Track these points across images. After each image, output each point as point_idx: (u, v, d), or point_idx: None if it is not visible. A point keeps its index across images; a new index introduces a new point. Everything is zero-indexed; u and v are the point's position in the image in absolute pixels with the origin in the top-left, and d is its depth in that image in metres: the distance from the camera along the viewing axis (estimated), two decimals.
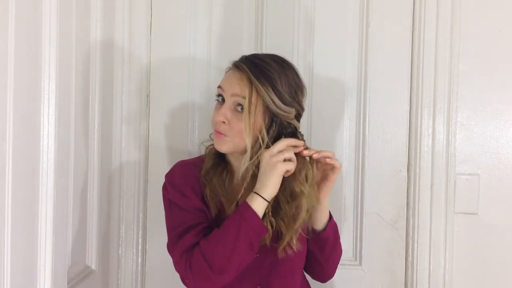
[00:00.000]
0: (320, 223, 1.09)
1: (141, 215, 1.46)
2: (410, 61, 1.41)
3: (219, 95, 1.05)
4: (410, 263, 1.41)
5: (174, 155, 1.44)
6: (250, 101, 0.97)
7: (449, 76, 1.39)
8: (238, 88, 0.99)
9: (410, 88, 1.41)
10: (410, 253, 1.41)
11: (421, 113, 1.39)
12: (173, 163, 1.17)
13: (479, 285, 1.39)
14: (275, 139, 1.00)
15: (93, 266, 1.29)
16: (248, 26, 1.44)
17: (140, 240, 1.45)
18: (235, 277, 0.99)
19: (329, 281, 1.21)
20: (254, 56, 1.04)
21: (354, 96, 1.43)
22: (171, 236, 1.05)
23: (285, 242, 1.00)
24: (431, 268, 1.39)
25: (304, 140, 1.06)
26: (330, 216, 1.12)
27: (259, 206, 0.96)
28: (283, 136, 1.01)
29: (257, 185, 0.98)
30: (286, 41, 1.43)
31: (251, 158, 1.00)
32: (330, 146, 1.42)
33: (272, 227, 0.99)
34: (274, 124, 1.00)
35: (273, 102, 0.97)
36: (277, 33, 1.43)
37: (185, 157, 1.39)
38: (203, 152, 1.15)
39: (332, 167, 1.05)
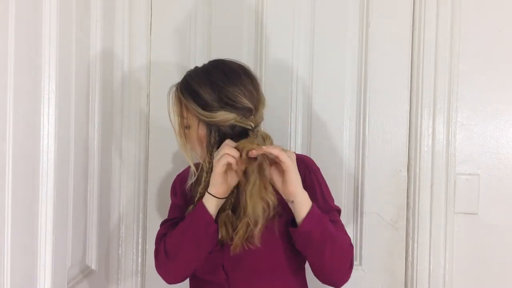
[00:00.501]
0: (298, 218, 1.00)
1: (141, 215, 1.46)
2: (410, 61, 1.41)
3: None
4: (410, 263, 1.41)
5: (174, 155, 1.44)
6: (182, 117, 1.06)
7: (449, 76, 1.39)
8: (176, 108, 1.08)
9: (410, 88, 1.41)
10: (410, 253, 1.41)
11: (421, 113, 1.39)
12: (173, 163, 1.18)
13: (479, 285, 1.39)
14: (220, 144, 1.02)
15: (93, 266, 1.29)
16: (248, 26, 1.44)
17: (140, 240, 1.45)
18: (203, 272, 1.08)
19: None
20: (188, 72, 1.10)
21: (354, 96, 1.43)
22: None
23: (236, 242, 1.00)
24: (431, 268, 1.39)
25: (259, 137, 1.03)
26: (311, 210, 1.00)
27: (208, 201, 1.01)
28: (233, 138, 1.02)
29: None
30: (286, 41, 1.43)
31: (204, 166, 1.06)
32: (330, 146, 1.42)
33: (229, 231, 1.02)
34: (211, 131, 1.03)
35: (198, 112, 1.02)
36: (277, 33, 1.43)
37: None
38: None
39: (276, 158, 0.99)
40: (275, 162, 0.99)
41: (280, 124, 1.43)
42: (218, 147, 1.02)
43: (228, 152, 0.97)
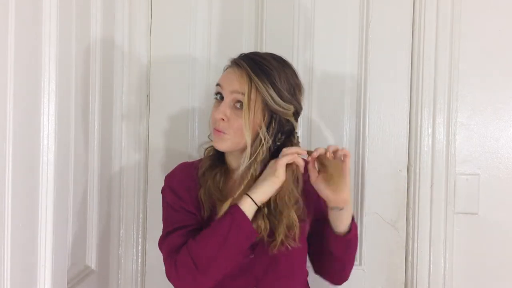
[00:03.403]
0: (344, 225, 1.05)
1: (141, 215, 1.46)
2: (410, 61, 1.41)
3: (217, 93, 1.04)
4: (410, 263, 1.41)
5: (174, 155, 1.44)
6: (249, 98, 0.97)
7: (449, 76, 1.39)
8: (238, 84, 0.99)
9: (410, 88, 1.41)
10: (410, 253, 1.41)
11: (421, 113, 1.39)
12: (173, 163, 1.17)
13: (479, 285, 1.39)
14: (275, 137, 1.01)
15: (93, 266, 1.29)
16: (248, 26, 1.44)
17: (140, 240, 1.45)
18: (230, 277, 1.00)
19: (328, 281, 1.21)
20: (253, 54, 1.04)
21: (354, 96, 1.43)
22: (162, 234, 1.09)
23: (278, 241, 0.99)
24: (431, 268, 1.39)
25: (298, 142, 1.08)
26: (354, 217, 1.08)
27: (248, 208, 0.96)
28: (279, 135, 1.02)
29: (252, 188, 0.98)
30: (286, 41, 1.43)
31: (251, 156, 1.00)
32: None
33: (267, 228, 1.00)
34: (273, 121, 1.00)
35: (272, 98, 0.98)
36: (277, 34, 1.43)
37: (185, 157, 1.39)
38: (202, 154, 1.15)
39: (344, 157, 1.01)
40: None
41: None
42: (273, 140, 1.00)
43: (299, 163, 0.99)
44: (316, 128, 1.43)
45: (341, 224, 1.04)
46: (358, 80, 1.42)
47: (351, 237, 1.06)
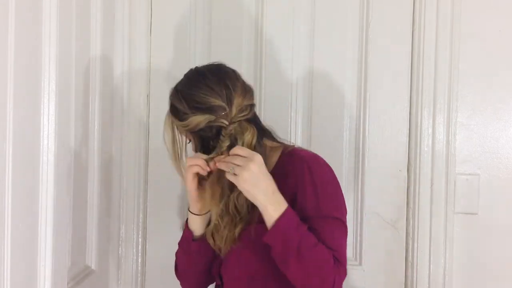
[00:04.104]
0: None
1: (141, 215, 1.46)
2: (410, 61, 1.41)
3: None
4: (410, 263, 1.40)
5: None
6: (174, 133, 1.05)
7: (449, 76, 1.38)
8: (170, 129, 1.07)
9: (410, 88, 1.41)
10: (410, 253, 1.40)
11: (421, 113, 1.39)
12: None
13: (479, 285, 1.38)
14: (206, 148, 1.01)
15: (93, 266, 1.29)
16: (248, 26, 1.44)
17: (140, 240, 1.45)
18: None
19: None
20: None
21: (354, 96, 1.43)
22: None
23: (221, 245, 1.02)
24: (431, 268, 1.39)
25: (231, 136, 0.98)
26: (277, 222, 0.91)
27: (190, 220, 1.07)
28: (211, 142, 1.00)
29: None
30: (286, 41, 1.43)
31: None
32: (330, 146, 1.42)
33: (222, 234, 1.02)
34: (194, 139, 1.03)
35: (177, 124, 1.02)
36: (277, 34, 1.43)
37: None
38: None
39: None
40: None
41: (280, 124, 1.42)
42: (205, 153, 0.99)
43: (191, 163, 0.97)
44: (316, 128, 1.43)
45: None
46: (358, 80, 1.42)
47: (264, 240, 0.93)
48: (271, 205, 0.92)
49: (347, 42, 1.42)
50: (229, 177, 0.93)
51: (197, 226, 1.05)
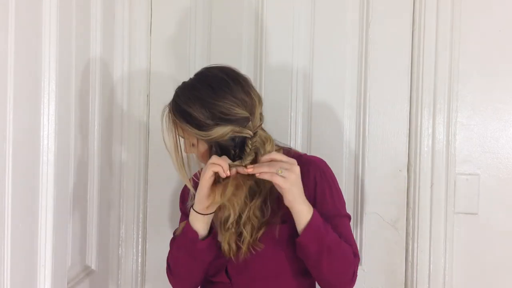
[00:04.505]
0: (297, 228, 1.00)
1: (141, 215, 1.46)
2: (410, 61, 1.41)
3: None
4: (410, 263, 1.41)
5: None
6: (176, 139, 1.05)
7: (449, 76, 1.38)
8: (173, 130, 1.06)
9: (410, 88, 1.41)
10: (410, 253, 1.41)
11: (421, 113, 1.39)
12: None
13: (479, 285, 1.38)
14: (225, 154, 1.00)
15: (93, 266, 1.29)
16: (247, 26, 1.44)
17: (140, 240, 1.45)
18: (207, 280, 1.11)
19: None
20: (176, 90, 1.06)
21: (354, 96, 1.43)
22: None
23: (244, 248, 1.02)
24: (431, 268, 1.39)
25: (253, 149, 1.01)
26: (310, 222, 0.98)
27: (192, 219, 1.02)
28: (232, 151, 1.00)
29: None
30: (286, 41, 1.43)
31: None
32: (330, 146, 1.42)
33: (233, 236, 1.03)
34: (212, 147, 1.01)
35: (194, 132, 1.00)
36: (277, 33, 1.43)
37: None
38: None
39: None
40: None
41: (280, 124, 1.43)
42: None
43: (216, 162, 0.96)
44: (316, 128, 1.43)
45: (297, 228, 1.01)
46: (358, 80, 1.42)
47: (302, 243, 0.99)
48: (306, 206, 0.98)
49: (347, 42, 1.42)
50: (275, 179, 0.94)
51: (200, 226, 1.02)
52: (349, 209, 1.42)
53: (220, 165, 0.95)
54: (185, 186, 1.15)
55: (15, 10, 0.84)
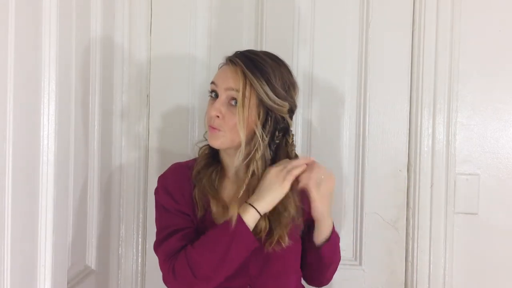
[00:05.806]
0: (318, 238, 1.07)
1: (141, 215, 1.46)
2: (410, 61, 1.41)
3: (212, 91, 1.05)
4: (410, 263, 1.41)
5: (174, 155, 1.44)
6: (244, 94, 0.97)
7: (449, 76, 1.38)
8: (232, 82, 0.99)
9: (410, 88, 1.41)
10: (410, 253, 1.41)
11: (421, 113, 1.39)
12: (172, 163, 1.16)
13: (479, 285, 1.38)
14: (273, 134, 1.01)
15: (93, 266, 1.29)
16: (248, 26, 1.44)
17: (140, 240, 1.45)
18: (225, 278, 1.00)
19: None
20: (248, 51, 1.04)
21: (354, 96, 1.43)
22: (157, 237, 1.06)
23: (274, 239, 1.00)
24: (431, 268, 1.39)
25: (293, 140, 1.08)
26: (331, 236, 1.07)
27: (251, 219, 0.96)
28: (276, 132, 1.01)
29: (254, 197, 0.98)
30: (286, 41, 1.43)
31: (247, 154, 1.00)
32: (330, 146, 1.42)
33: (267, 228, 1.00)
34: (269, 119, 1.00)
35: (267, 95, 0.97)
36: (277, 34, 1.43)
37: (185, 156, 1.39)
38: (198, 153, 1.14)
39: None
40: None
41: None
42: (271, 138, 1.01)
43: (305, 162, 0.99)
44: (316, 129, 1.43)
45: (316, 237, 1.07)
46: (358, 80, 1.42)
47: (321, 254, 1.06)
48: (331, 218, 1.07)
49: (347, 42, 1.42)
50: (313, 186, 0.98)
51: (252, 226, 0.97)
52: (349, 209, 1.43)
53: (302, 168, 0.99)
54: (167, 182, 1.08)
55: (15, 10, 0.84)
